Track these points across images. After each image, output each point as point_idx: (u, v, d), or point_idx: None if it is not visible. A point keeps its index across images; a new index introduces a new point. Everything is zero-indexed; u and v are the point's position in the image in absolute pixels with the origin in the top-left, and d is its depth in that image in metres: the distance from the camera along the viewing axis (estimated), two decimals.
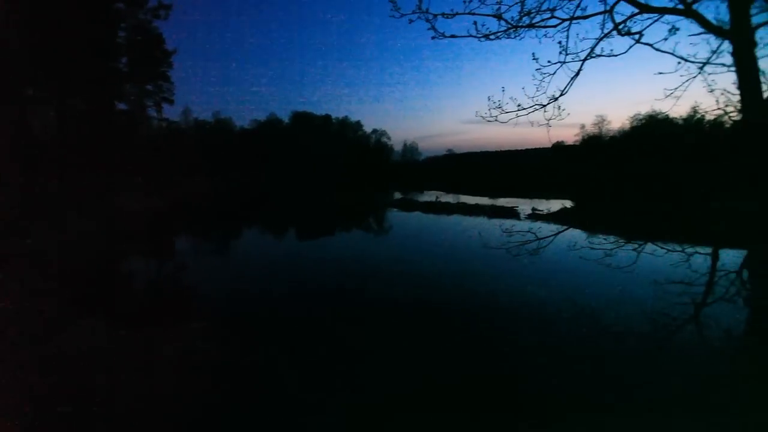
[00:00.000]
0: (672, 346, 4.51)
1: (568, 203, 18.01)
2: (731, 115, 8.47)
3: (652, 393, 3.51)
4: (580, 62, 8.13)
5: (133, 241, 12.83)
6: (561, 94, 8.28)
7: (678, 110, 56.66)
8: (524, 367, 4.03)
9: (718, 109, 8.51)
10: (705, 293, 6.28)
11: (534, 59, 8.23)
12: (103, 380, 3.73)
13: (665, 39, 8.69)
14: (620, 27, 7.96)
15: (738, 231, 9.46)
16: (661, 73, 8.77)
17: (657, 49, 8.12)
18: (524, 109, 8.40)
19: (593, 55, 8.01)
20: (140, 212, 18.96)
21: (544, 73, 8.19)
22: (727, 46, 7.80)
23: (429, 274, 7.77)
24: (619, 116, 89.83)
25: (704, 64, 8.24)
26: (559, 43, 8.04)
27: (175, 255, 11.09)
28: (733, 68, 7.73)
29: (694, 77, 8.36)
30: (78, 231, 13.20)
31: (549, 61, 8.18)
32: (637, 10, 7.98)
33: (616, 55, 8.04)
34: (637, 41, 8.05)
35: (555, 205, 18.02)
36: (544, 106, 8.38)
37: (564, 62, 8.12)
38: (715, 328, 4.93)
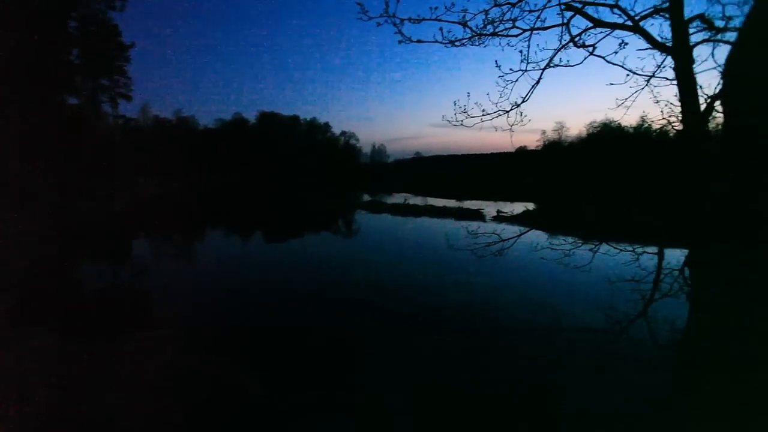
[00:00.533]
0: (624, 339, 4.81)
1: (530, 206, 18.77)
2: (674, 125, 9.25)
3: (605, 384, 3.73)
4: (540, 71, 8.59)
5: (77, 244, 11.99)
6: (523, 101, 8.68)
7: (629, 119, 61.01)
8: (480, 363, 4.16)
9: (663, 119, 9.29)
10: (652, 290, 6.74)
11: (497, 66, 8.60)
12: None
13: (616, 52, 9.40)
14: (576, 39, 8.50)
15: (679, 231, 10.25)
16: (612, 84, 9.47)
17: (608, 62, 8.74)
18: (488, 114, 8.73)
19: (552, 64, 8.49)
20: (88, 213, 17.75)
21: (507, 80, 8.56)
22: (669, 61, 8.52)
23: (396, 276, 7.82)
24: (577, 123, 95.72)
25: (650, 77, 8.96)
26: (521, 52, 8.44)
27: (120, 260, 10.47)
28: (675, 82, 8.44)
29: (642, 89, 9.10)
30: (17, 233, 12.16)
31: (511, 69, 8.57)
32: (591, 24, 8.54)
33: (572, 66, 8.59)
34: (591, 53, 8.63)
35: (518, 207, 18.72)
36: (507, 112, 8.74)
37: (525, 70, 8.53)
38: (662, 322, 5.31)
